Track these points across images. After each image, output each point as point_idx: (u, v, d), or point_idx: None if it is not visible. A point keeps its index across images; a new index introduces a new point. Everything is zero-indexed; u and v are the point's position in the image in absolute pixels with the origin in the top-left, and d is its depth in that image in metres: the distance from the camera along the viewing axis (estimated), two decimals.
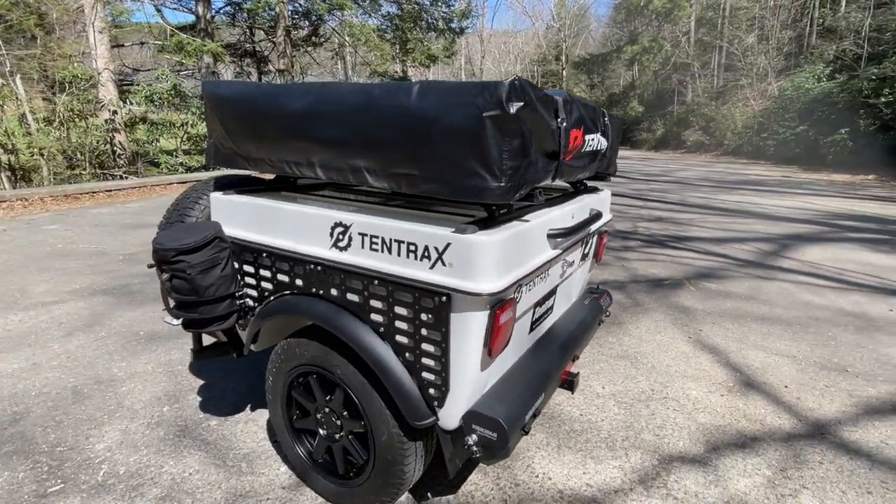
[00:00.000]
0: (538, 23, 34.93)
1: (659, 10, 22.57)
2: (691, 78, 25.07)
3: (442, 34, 15.37)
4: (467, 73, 33.30)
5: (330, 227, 1.63)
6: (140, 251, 5.73)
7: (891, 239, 6.90)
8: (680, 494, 2.07)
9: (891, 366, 3.21)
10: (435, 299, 1.44)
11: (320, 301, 1.72)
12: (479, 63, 34.25)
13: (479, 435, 1.56)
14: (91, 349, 3.28)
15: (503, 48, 39.92)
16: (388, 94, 1.44)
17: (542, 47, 34.08)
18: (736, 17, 24.12)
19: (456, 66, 31.41)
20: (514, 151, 1.35)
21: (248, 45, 17.22)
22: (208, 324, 1.87)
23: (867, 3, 19.12)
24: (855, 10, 19.78)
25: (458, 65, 31.41)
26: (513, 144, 1.34)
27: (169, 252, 1.72)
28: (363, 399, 1.68)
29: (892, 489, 2.12)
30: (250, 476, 2.12)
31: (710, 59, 24.50)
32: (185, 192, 2.22)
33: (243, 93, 1.81)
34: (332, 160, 1.62)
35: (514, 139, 1.34)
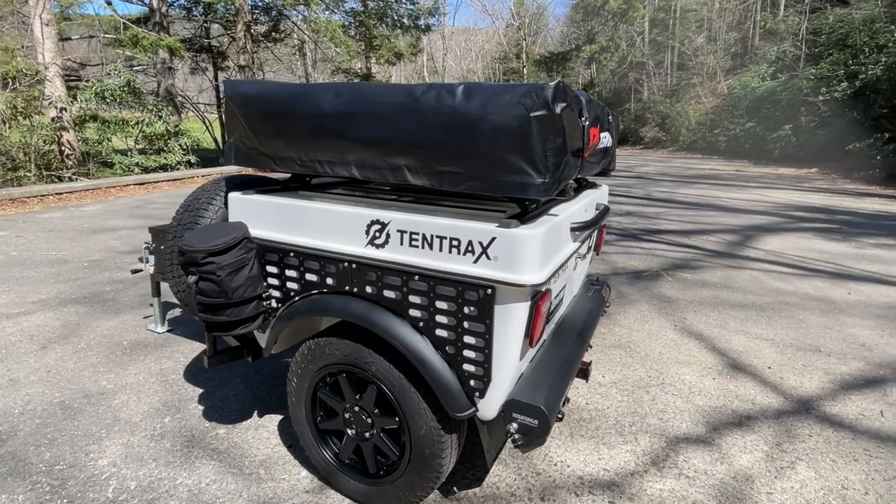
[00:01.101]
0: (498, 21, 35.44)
1: (615, 10, 23.31)
2: (647, 76, 26.04)
3: (408, 31, 15.28)
4: (429, 70, 33.31)
5: (366, 225, 1.64)
6: (106, 257, 5.43)
7: (839, 228, 7.44)
8: (691, 473, 2.19)
9: (857, 344, 3.48)
10: (479, 292, 1.48)
11: (354, 299, 1.72)
12: (441, 61, 34.34)
13: (519, 423, 1.60)
14: (72, 362, 3.10)
15: (464, 46, 40.20)
16: (433, 95, 1.48)
17: (503, 45, 34.53)
18: (686, 19, 25.21)
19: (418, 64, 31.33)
20: (556, 149, 1.41)
21: (206, 40, 16.55)
22: (235, 326, 1.82)
23: (803, 7, 20.46)
24: (793, 14, 21.10)
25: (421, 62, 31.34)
26: (556, 143, 1.41)
27: (199, 254, 1.67)
28: (399, 395, 1.69)
29: (875, 456, 2.31)
30: (271, 482, 2.08)
31: (663, 59, 25.54)
32: (196, 193, 2.14)
33: (271, 92, 1.79)
34: (370, 159, 1.63)
35: (557, 138, 1.40)
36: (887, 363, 3.21)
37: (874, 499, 2.04)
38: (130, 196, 9.54)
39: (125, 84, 11.04)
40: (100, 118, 11.09)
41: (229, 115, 1.92)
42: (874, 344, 3.48)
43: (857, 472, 2.20)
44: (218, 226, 1.83)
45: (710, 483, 2.12)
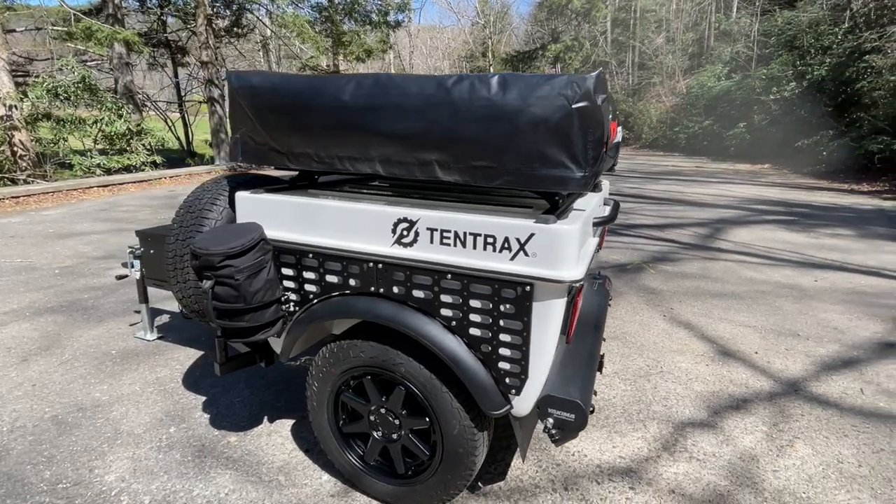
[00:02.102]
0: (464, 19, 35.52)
1: (578, 9, 23.80)
2: (610, 75, 26.75)
3: (377, 27, 15.09)
4: (397, 68, 33.07)
5: (392, 224, 1.59)
6: (78, 263, 5.15)
7: (798, 220, 7.89)
8: (700, 456, 2.29)
9: (830, 328, 3.72)
10: (517, 289, 1.47)
11: (380, 300, 1.69)
12: (408, 58, 34.11)
13: (555, 418, 1.62)
14: (59, 374, 2.93)
15: (430, 44, 40.10)
16: (467, 87, 1.44)
17: (469, 43, 34.69)
18: (645, 19, 26.04)
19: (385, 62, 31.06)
20: (596, 142, 1.41)
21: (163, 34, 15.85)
22: (255, 332, 1.76)
23: (755, 10, 21.51)
24: (745, 16, 22.14)
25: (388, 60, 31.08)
26: (595, 135, 1.40)
27: (215, 257, 1.59)
28: (430, 395, 1.68)
29: (862, 431, 2.49)
30: (293, 489, 2.04)
31: (625, 58, 26.29)
32: (196, 193, 2.04)
33: (285, 84, 1.70)
34: (397, 155, 1.58)
35: (596, 130, 1.40)
36: (859, 344, 3.44)
37: (867, 470, 2.20)
38: (94, 199, 9.05)
39: (80, 80, 10.45)
40: (54, 116, 10.45)
41: (235, 110, 1.80)
42: (845, 327, 3.73)
43: (848, 447, 2.36)
44: (232, 227, 1.75)
45: (719, 464, 2.23)
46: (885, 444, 2.38)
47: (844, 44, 15.95)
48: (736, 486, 2.09)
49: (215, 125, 15.25)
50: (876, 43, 13.67)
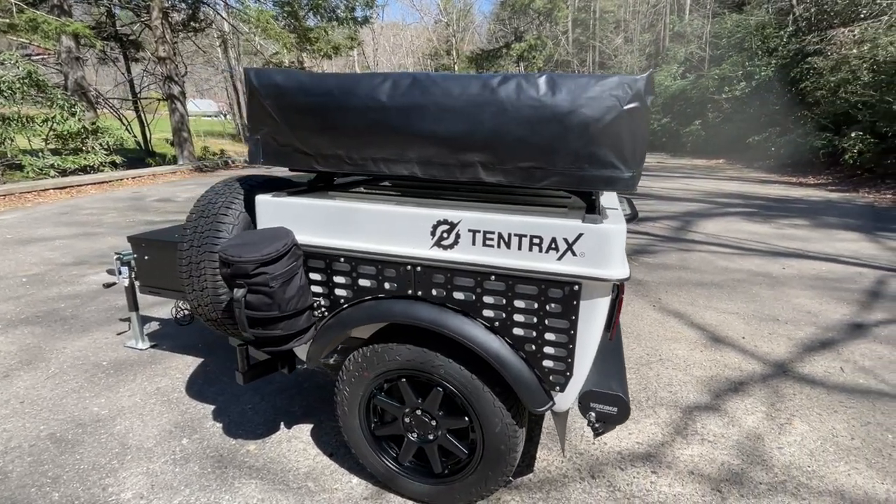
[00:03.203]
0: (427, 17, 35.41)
1: (541, 9, 24.21)
2: None
3: (344, 23, 14.80)
4: (361, 66, 32.62)
5: (432, 226, 1.58)
6: (46, 271, 4.84)
7: (758, 211, 8.36)
8: (711, 437, 2.41)
9: (805, 312, 3.98)
10: (564, 289, 1.48)
11: (418, 302, 1.67)
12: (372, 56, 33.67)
13: (598, 412, 1.67)
14: (48, 389, 2.76)
15: (393, 41, 39.74)
16: (513, 87, 1.44)
17: (433, 41, 34.64)
18: (604, 20, 26.80)
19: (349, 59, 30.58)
20: (642, 142, 1.45)
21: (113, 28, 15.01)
22: (289, 340, 1.70)
23: (706, 12, 22.55)
24: (697, 18, 23.17)
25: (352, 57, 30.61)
26: (643, 135, 1.44)
27: (249, 264, 1.53)
28: (471, 395, 1.69)
29: (849, 406, 2.68)
30: (324, 494, 2.02)
31: (586, 57, 26.97)
32: (208, 197, 1.92)
33: (314, 83, 1.64)
34: (438, 156, 1.55)
35: (645, 130, 1.44)
36: (832, 326, 3.70)
37: (859, 442, 2.38)
38: (52, 202, 8.49)
39: (26, 76, 9.77)
40: None
41: (256, 109, 1.73)
42: (817, 311, 4.00)
43: (840, 422, 2.54)
44: (261, 232, 1.69)
45: (728, 444, 2.36)
46: (870, 418, 2.58)
47: (789, 46, 16.97)
48: (748, 464, 2.22)
49: (176, 123, 14.62)
50: (818, 45, 14.59)
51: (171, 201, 9.40)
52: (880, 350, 3.32)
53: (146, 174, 12.75)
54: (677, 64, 22.92)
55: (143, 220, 7.57)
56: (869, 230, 6.85)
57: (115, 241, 6.15)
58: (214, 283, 1.80)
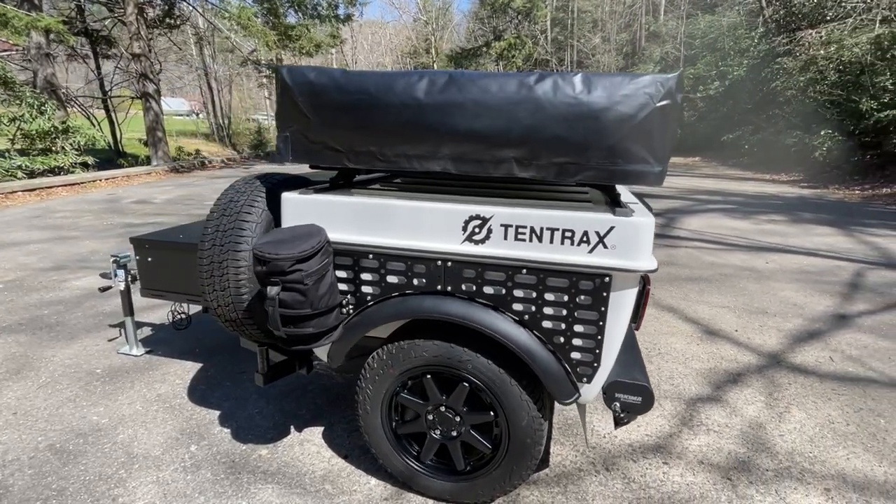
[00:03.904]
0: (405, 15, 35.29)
1: (520, 8, 24.39)
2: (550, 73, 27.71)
3: (326, 21, 14.61)
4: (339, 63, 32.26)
5: (463, 221, 1.60)
6: (24, 276, 4.65)
7: (736, 208, 8.61)
8: (715, 427, 2.48)
9: (791, 304, 4.12)
10: (595, 281, 1.53)
11: (447, 298, 1.69)
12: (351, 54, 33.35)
13: (622, 402, 1.71)
14: (41, 399, 2.66)
15: (372, 39, 39.45)
16: (550, 85, 1.47)
17: (412, 39, 34.53)
18: (582, 19, 27.16)
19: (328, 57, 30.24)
20: (671, 138, 1.50)
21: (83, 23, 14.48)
22: (319, 338, 1.69)
23: (680, 13, 23.09)
24: (672, 19, 23.70)
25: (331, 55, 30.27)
26: (673, 132, 1.49)
27: (286, 262, 1.52)
28: (498, 389, 1.71)
29: (840, 394, 2.80)
30: (343, 496, 2.00)
31: (564, 56, 27.28)
32: (229, 195, 1.89)
33: (350, 81, 1.63)
34: (472, 152, 1.57)
35: (674, 127, 1.49)
36: (818, 317, 3.85)
37: (854, 428, 2.48)
38: (21, 205, 8.16)
39: None
40: None
41: (287, 108, 1.71)
42: (803, 303, 4.15)
43: (834, 409, 2.65)
44: (293, 230, 1.68)
45: (733, 434, 2.43)
46: (862, 404, 2.69)
47: (759, 46, 17.51)
48: (753, 452, 2.29)
49: (150, 122, 14.22)
50: (787, 47, 15.11)
51: (149, 203, 9.15)
52: (864, 339, 3.46)
53: (120, 175, 12.37)
54: (653, 63, 23.41)
55: (121, 222, 7.35)
56: (842, 225, 7.13)
57: (95, 245, 5.96)
58: (237, 283, 1.77)
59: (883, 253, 5.64)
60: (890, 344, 3.39)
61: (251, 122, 30.40)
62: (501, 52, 25.17)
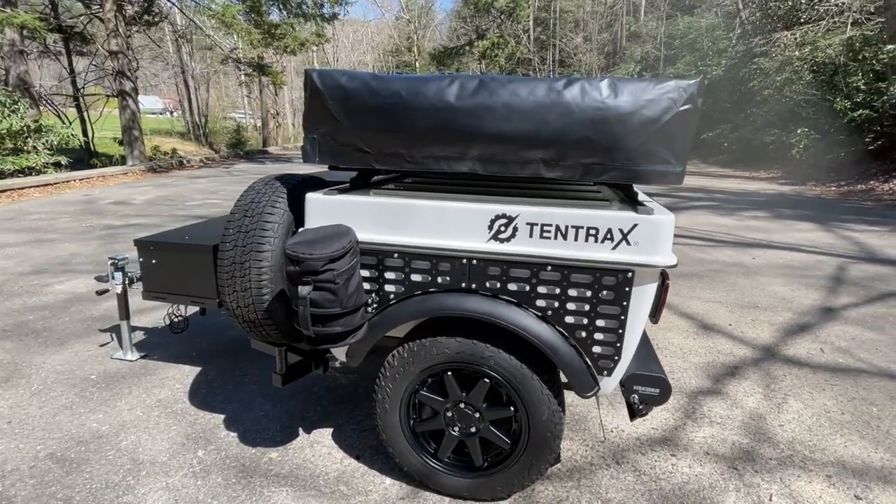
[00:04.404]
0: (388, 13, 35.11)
1: (503, 8, 24.51)
2: (533, 71, 27.88)
3: (312, 19, 14.42)
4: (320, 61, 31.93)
5: (489, 220, 1.63)
6: (4, 280, 4.49)
7: (720, 205, 8.81)
8: (718, 419, 2.54)
9: (780, 298, 4.24)
10: (618, 276, 1.58)
11: (471, 295, 1.71)
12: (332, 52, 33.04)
13: (640, 394, 1.75)
14: (35, 407, 2.57)
15: (353, 37, 39.14)
16: (578, 90, 1.52)
17: (394, 38, 34.36)
18: (564, 19, 27.43)
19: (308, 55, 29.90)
20: (690, 140, 1.55)
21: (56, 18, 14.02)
22: (346, 336, 1.68)
23: (660, 14, 23.49)
24: (652, 19, 24.10)
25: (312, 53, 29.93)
26: (692, 134, 1.55)
27: (319, 261, 1.52)
28: (520, 384, 1.73)
29: (833, 384, 2.89)
30: (359, 496, 1.99)
31: (547, 56, 27.51)
32: (249, 196, 1.88)
33: (382, 85, 1.66)
34: (501, 154, 1.61)
35: (693, 129, 1.54)
36: (806, 310, 3.97)
37: (849, 416, 2.57)
38: None
39: None
40: None
41: (316, 110, 1.72)
42: (791, 297, 4.27)
43: (829, 399, 2.74)
44: (323, 230, 1.68)
45: (735, 425, 2.49)
46: (855, 393, 2.78)
47: (737, 47, 17.93)
48: (756, 442, 2.35)
49: (127, 121, 13.86)
50: (763, 47, 15.51)
51: (129, 204, 8.92)
52: (852, 331, 3.59)
53: (95, 175, 12.02)
54: (634, 63, 23.79)
55: (101, 224, 7.15)
56: (822, 221, 7.36)
57: (75, 248, 5.79)
58: (259, 283, 1.76)
59: (862, 247, 5.84)
60: (875, 335, 3.52)
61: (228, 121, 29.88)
62: (484, 52, 25.25)
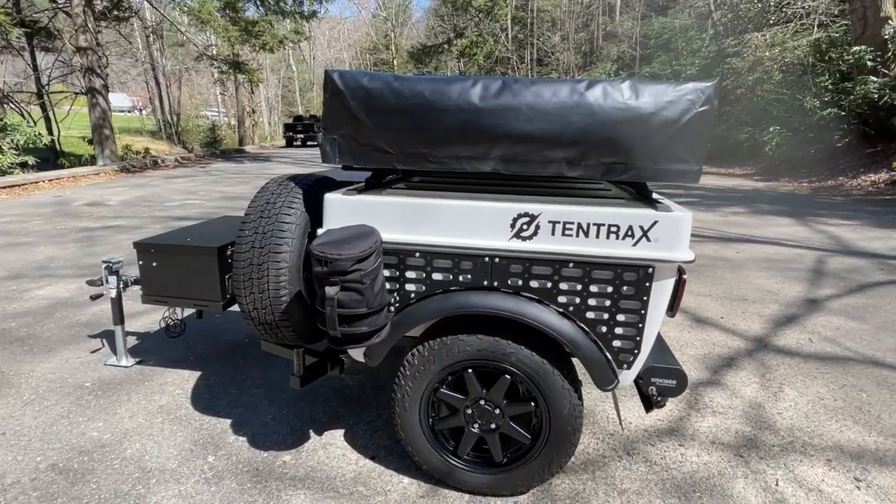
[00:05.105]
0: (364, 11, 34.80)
1: (482, 6, 24.59)
2: (511, 70, 28.07)
3: (290, 17, 14.16)
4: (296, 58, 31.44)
5: (512, 219, 1.66)
6: None
7: (700, 201, 9.05)
8: (720, 409, 2.62)
9: (766, 291, 4.39)
10: (639, 272, 1.62)
11: (493, 293, 1.72)
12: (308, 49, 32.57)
13: (658, 386, 1.79)
14: (30, 417, 2.47)
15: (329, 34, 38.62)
16: (600, 92, 1.55)
17: (372, 35, 34.08)
18: (542, 18, 27.69)
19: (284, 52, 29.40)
20: (706, 140, 1.59)
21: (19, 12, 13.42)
22: (371, 336, 1.67)
23: (636, 14, 23.94)
24: (628, 19, 24.55)
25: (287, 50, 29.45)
26: (708, 134, 1.58)
27: (348, 261, 1.51)
28: (541, 379, 1.75)
29: (824, 372, 3.01)
30: (379, 497, 1.98)
31: (525, 54, 27.72)
32: (264, 197, 1.84)
33: (405, 86, 1.66)
34: (523, 154, 1.63)
35: (709, 129, 1.58)
36: (792, 302, 4.12)
37: (842, 402, 2.68)
38: None
39: None
40: None
41: (337, 111, 1.71)
42: (777, 289, 4.42)
43: (822, 386, 2.85)
44: (347, 230, 1.67)
45: (737, 414, 2.57)
46: (845, 381, 2.91)
47: (710, 47, 18.41)
48: (758, 430, 2.44)
49: (97, 119, 13.39)
50: (735, 48, 15.97)
51: (104, 205, 8.64)
52: (836, 321, 3.74)
53: (66, 176, 11.59)
54: (611, 62, 24.20)
55: (77, 226, 6.91)
56: (798, 215, 7.64)
57: (52, 251, 5.58)
58: (277, 285, 1.74)
59: (837, 241, 6.09)
60: (858, 325, 3.68)
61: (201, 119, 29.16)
62: (463, 50, 25.31)
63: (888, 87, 10.08)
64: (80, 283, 4.46)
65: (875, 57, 10.36)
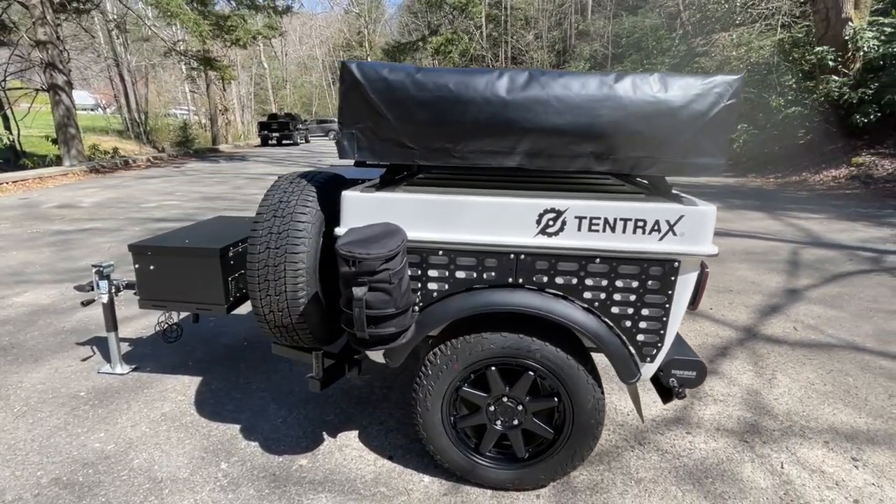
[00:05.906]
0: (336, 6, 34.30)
1: (456, 4, 24.58)
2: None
3: (264, 11, 13.82)
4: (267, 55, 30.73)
5: (538, 215, 1.65)
6: None
7: None
8: (720, 397, 2.71)
9: (749, 282, 4.56)
10: (665, 266, 1.64)
11: (517, 290, 1.73)
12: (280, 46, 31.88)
13: (678, 377, 1.84)
14: (24, 430, 2.36)
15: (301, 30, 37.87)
16: (629, 85, 1.56)
17: (345, 32, 33.61)
18: (515, 17, 27.88)
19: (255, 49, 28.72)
20: (730, 133, 1.64)
21: None
22: (397, 337, 1.65)
23: (607, 13, 24.39)
24: (600, 19, 24.99)
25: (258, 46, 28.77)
26: (733, 127, 1.63)
27: (377, 261, 1.47)
28: (566, 375, 1.77)
29: (812, 358, 3.15)
30: (401, 497, 1.97)
31: (499, 52, 27.87)
32: (276, 196, 1.79)
33: (429, 79, 1.61)
34: (550, 148, 1.63)
35: (735, 123, 1.63)
36: (774, 292, 4.29)
37: (831, 387, 2.82)
38: None
39: None
40: None
41: (356, 104, 1.66)
42: (758, 280, 4.60)
43: (811, 372, 2.98)
44: (372, 228, 1.63)
45: (737, 401, 2.67)
46: (831, 366, 3.05)
47: (679, 47, 18.92)
48: (758, 416, 2.54)
49: (61, 118, 12.80)
50: (704, 48, 16.46)
51: (76, 207, 8.29)
52: (816, 310, 3.92)
53: (31, 177, 11.05)
54: (584, 60, 24.60)
55: (49, 230, 6.61)
56: (769, 210, 7.95)
57: (25, 256, 5.32)
58: (294, 286, 1.69)
59: (808, 233, 6.37)
60: (837, 313, 3.86)
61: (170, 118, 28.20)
62: (438, 47, 25.23)
63: (848, 87, 10.58)
64: (61, 288, 4.27)
65: (836, 57, 10.85)
